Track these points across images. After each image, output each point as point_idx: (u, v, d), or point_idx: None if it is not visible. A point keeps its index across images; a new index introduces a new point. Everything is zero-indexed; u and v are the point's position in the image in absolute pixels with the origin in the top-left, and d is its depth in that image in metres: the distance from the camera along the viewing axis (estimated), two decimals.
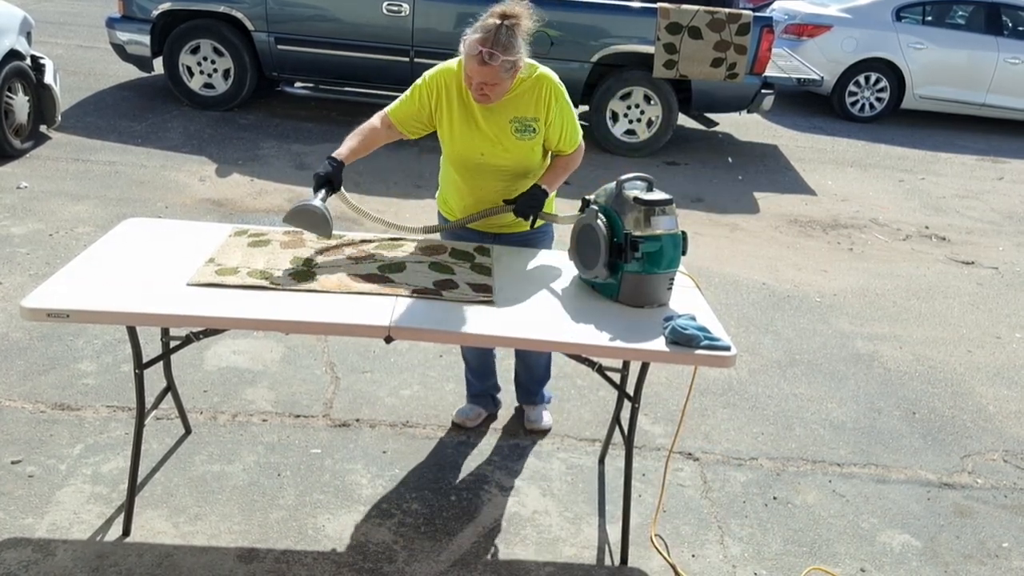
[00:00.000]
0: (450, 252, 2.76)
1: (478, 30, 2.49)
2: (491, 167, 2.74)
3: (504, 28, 2.45)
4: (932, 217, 6.59)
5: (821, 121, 9.26)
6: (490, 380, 3.31)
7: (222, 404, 3.29)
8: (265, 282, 2.41)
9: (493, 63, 2.45)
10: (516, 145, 2.70)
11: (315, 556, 2.58)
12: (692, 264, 4.94)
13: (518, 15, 2.49)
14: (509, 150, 2.70)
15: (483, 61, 2.45)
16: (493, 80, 2.51)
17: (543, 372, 3.28)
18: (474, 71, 2.50)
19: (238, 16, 6.70)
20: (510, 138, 2.69)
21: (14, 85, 5.53)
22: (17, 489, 2.73)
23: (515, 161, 2.74)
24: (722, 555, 2.79)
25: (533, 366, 3.23)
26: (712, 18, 6.55)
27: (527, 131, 2.68)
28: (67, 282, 2.32)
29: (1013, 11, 9.30)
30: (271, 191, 5.58)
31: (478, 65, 2.47)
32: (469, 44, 2.48)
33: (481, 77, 2.50)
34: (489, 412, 3.37)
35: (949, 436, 3.62)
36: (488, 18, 2.49)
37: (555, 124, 2.70)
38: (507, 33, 2.46)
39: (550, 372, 3.33)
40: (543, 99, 2.66)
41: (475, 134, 2.69)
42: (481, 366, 3.26)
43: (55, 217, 4.77)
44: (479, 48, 2.45)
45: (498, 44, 2.44)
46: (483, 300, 2.45)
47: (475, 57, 2.46)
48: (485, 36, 2.45)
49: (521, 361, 3.24)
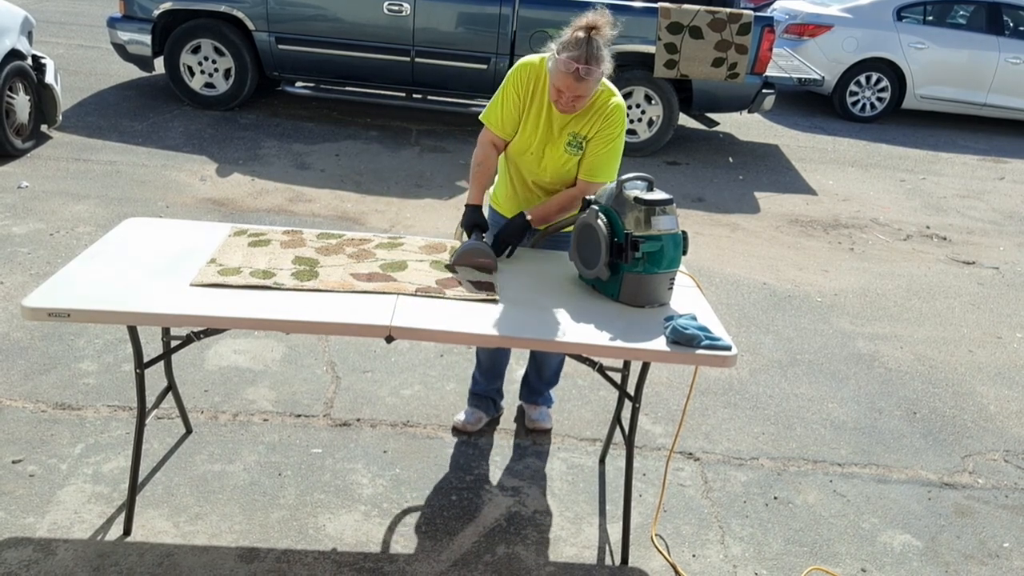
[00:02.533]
0: (450, 251, 2.76)
1: (568, 47, 2.51)
2: (532, 167, 2.80)
3: (592, 41, 2.49)
4: (933, 217, 6.59)
5: (822, 121, 9.25)
6: (497, 383, 3.30)
7: (223, 404, 3.29)
8: (268, 282, 2.41)
9: (589, 78, 2.50)
10: (562, 157, 2.75)
11: (315, 556, 2.58)
12: (693, 264, 4.96)
13: (601, 25, 2.52)
14: (556, 158, 2.75)
15: (580, 77, 2.50)
16: (588, 92, 2.57)
17: (552, 375, 3.28)
18: (569, 87, 2.53)
19: (239, 16, 6.70)
20: (561, 148, 2.74)
21: (15, 85, 5.53)
22: (18, 488, 2.73)
23: (554, 170, 2.78)
24: (723, 555, 2.79)
25: (545, 367, 3.23)
26: (713, 18, 6.54)
27: (577, 147, 2.73)
28: (68, 282, 2.32)
29: (1014, 11, 9.29)
30: (272, 191, 5.58)
31: (575, 82, 2.51)
32: (563, 62, 2.49)
33: (576, 92, 2.55)
34: (490, 417, 3.35)
35: (950, 436, 3.62)
36: (575, 32, 2.53)
37: (596, 143, 2.70)
38: (596, 45, 2.50)
39: (559, 376, 3.32)
40: (599, 122, 2.69)
41: (534, 132, 2.74)
42: (493, 367, 3.24)
43: (56, 217, 4.77)
44: (575, 65, 2.48)
45: (592, 58, 2.49)
46: (487, 299, 2.45)
47: (571, 74, 2.49)
48: (579, 53, 2.48)
49: (535, 361, 3.25)
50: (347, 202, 5.52)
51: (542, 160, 2.77)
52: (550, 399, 3.37)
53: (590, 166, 2.73)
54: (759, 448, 3.39)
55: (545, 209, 2.79)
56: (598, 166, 2.73)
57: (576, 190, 2.77)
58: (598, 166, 2.73)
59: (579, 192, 2.75)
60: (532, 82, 2.71)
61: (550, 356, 3.19)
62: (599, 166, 2.73)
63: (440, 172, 6.27)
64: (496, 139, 2.79)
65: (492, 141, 2.80)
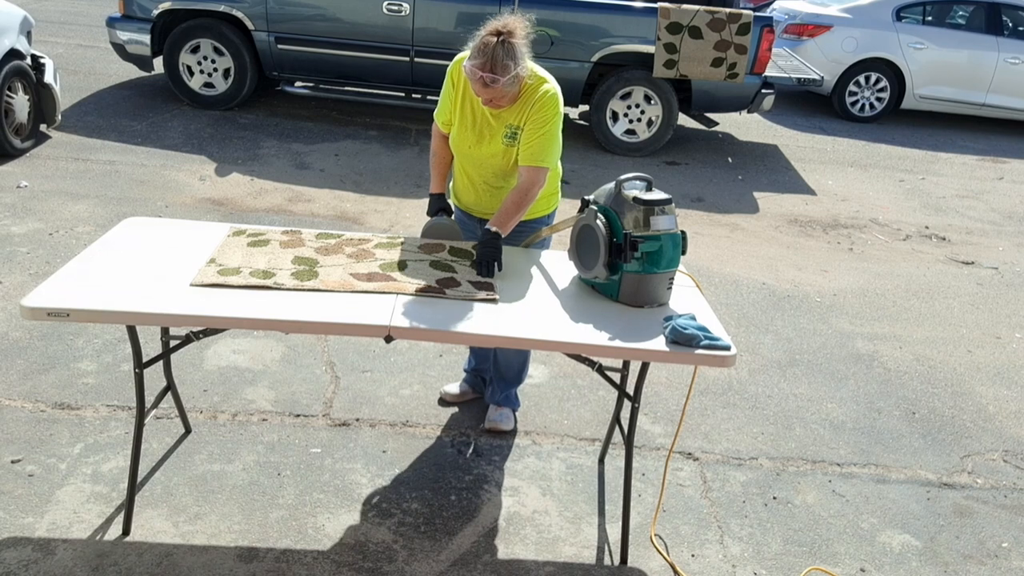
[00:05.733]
0: (449, 250, 2.77)
1: (476, 54, 2.52)
2: (476, 159, 2.84)
3: (501, 46, 2.49)
4: (932, 217, 6.60)
5: (821, 121, 9.26)
6: (485, 363, 3.38)
7: (222, 403, 3.29)
8: (268, 282, 2.41)
9: (495, 85, 2.53)
10: (500, 149, 2.78)
11: (315, 556, 2.58)
12: (692, 264, 4.96)
13: (511, 30, 2.52)
14: (495, 151, 2.78)
15: (485, 84, 2.53)
16: (498, 96, 2.60)
17: (513, 375, 3.25)
18: (479, 91, 2.59)
19: (238, 15, 6.70)
20: (499, 141, 2.77)
21: (14, 84, 5.53)
22: (17, 488, 2.73)
23: (496, 162, 2.81)
24: (722, 555, 2.79)
25: (503, 365, 3.21)
26: (712, 18, 6.55)
27: (513, 138, 2.75)
28: (67, 281, 2.32)
29: (1013, 11, 9.30)
30: (271, 190, 5.58)
31: (482, 87, 2.55)
32: (469, 70, 2.53)
33: (486, 96, 2.60)
34: (477, 394, 3.44)
35: (949, 436, 3.62)
36: (484, 36, 2.53)
37: (528, 130, 2.71)
38: (505, 50, 2.50)
39: (522, 377, 3.28)
40: (529, 108, 2.70)
41: (472, 127, 2.79)
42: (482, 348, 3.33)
43: (55, 216, 4.77)
44: (479, 73, 2.51)
45: (497, 66, 2.50)
46: (486, 298, 2.46)
47: (477, 81, 2.54)
48: (484, 60, 2.50)
49: (495, 361, 3.23)
50: (346, 202, 5.52)
51: (482, 154, 2.80)
52: (515, 401, 3.33)
53: (528, 153, 2.74)
54: (758, 448, 3.39)
55: (504, 214, 2.73)
56: (535, 152, 2.73)
57: (524, 181, 2.75)
58: (535, 152, 2.73)
59: (528, 183, 2.74)
60: (462, 77, 2.74)
61: (512, 357, 3.18)
62: (536, 152, 2.73)
63: None
64: (440, 130, 2.93)
65: (439, 132, 2.95)
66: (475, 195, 2.95)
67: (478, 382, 3.42)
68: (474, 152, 2.82)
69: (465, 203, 3.02)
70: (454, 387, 3.45)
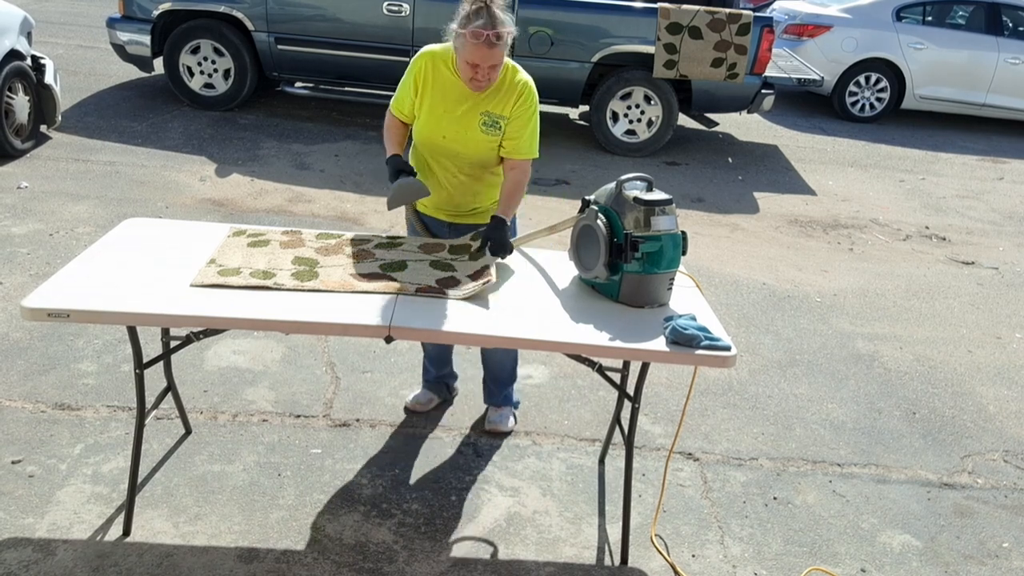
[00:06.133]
0: (449, 249, 2.76)
1: (471, 17, 2.52)
2: (451, 152, 2.80)
3: (491, 6, 2.52)
4: (932, 217, 6.59)
5: (821, 121, 9.26)
6: (445, 369, 3.38)
7: (222, 404, 3.29)
8: (268, 282, 2.41)
9: (500, 43, 2.53)
10: (479, 137, 2.75)
11: (315, 556, 2.58)
12: (692, 264, 4.96)
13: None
14: (470, 140, 2.76)
15: (492, 43, 2.51)
16: (501, 60, 2.59)
17: (506, 375, 3.25)
18: (483, 56, 2.54)
19: (238, 16, 6.70)
20: (476, 129, 2.74)
21: (14, 85, 5.53)
22: (17, 489, 2.73)
23: (473, 151, 2.79)
24: (722, 555, 2.79)
25: (495, 367, 3.22)
26: (712, 18, 6.55)
27: (493, 127, 2.74)
28: (67, 282, 2.32)
29: (1013, 11, 9.30)
30: (271, 191, 5.58)
31: (488, 48, 2.52)
32: (472, 33, 2.50)
33: (491, 60, 2.56)
34: (443, 399, 3.43)
35: (949, 436, 3.62)
36: (470, 5, 2.54)
37: (516, 124, 2.73)
38: (495, 10, 2.53)
39: (515, 376, 3.28)
40: (514, 101, 2.72)
41: (443, 117, 2.75)
42: (439, 355, 3.31)
43: (55, 217, 4.77)
44: (484, 33, 2.49)
45: (497, 22, 2.51)
46: (484, 283, 2.47)
47: (483, 43, 2.51)
48: (484, 20, 2.50)
49: (485, 363, 3.24)
50: (346, 202, 5.52)
51: (459, 143, 2.77)
52: (513, 400, 3.33)
53: (517, 146, 2.76)
54: (758, 448, 3.39)
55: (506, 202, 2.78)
56: (525, 144, 2.77)
57: (517, 174, 2.78)
58: (525, 144, 2.77)
59: (521, 175, 2.79)
60: (429, 69, 2.73)
61: (503, 358, 3.18)
62: (526, 144, 2.77)
63: None
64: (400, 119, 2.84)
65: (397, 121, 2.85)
66: (445, 194, 2.88)
67: (441, 389, 3.41)
68: (449, 142, 2.77)
69: (433, 204, 2.93)
70: (417, 397, 3.38)
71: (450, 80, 2.71)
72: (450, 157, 2.82)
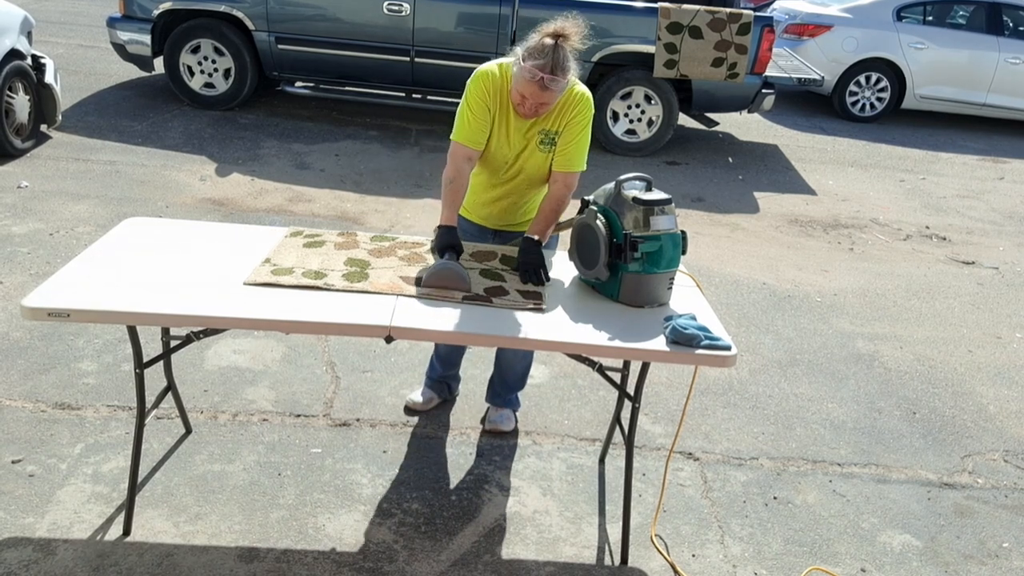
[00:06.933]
0: (500, 259, 2.74)
1: (534, 54, 2.45)
2: (513, 172, 2.78)
3: (559, 49, 2.45)
4: (933, 217, 6.59)
5: (822, 121, 9.25)
6: (452, 370, 3.37)
7: (222, 404, 3.29)
8: (319, 282, 2.43)
9: (554, 87, 2.47)
10: (537, 156, 2.73)
11: (315, 556, 2.58)
12: (692, 264, 4.96)
13: (570, 33, 2.47)
14: (530, 159, 2.73)
15: (544, 87, 2.46)
16: (552, 101, 2.54)
17: (517, 380, 3.25)
18: (533, 95, 2.50)
19: (239, 16, 6.70)
20: (534, 148, 2.71)
21: (15, 84, 5.53)
22: (18, 488, 2.73)
23: (532, 169, 2.76)
24: (722, 555, 2.79)
25: (509, 371, 3.21)
26: (713, 18, 6.55)
27: (550, 143, 2.70)
28: (68, 281, 2.32)
29: (1014, 11, 9.30)
30: (271, 190, 5.58)
31: (539, 90, 2.48)
32: (528, 70, 2.45)
33: (539, 99, 2.52)
34: (443, 399, 3.42)
35: (949, 436, 3.62)
36: (543, 38, 2.47)
37: (568, 135, 2.68)
38: (563, 54, 2.46)
39: (524, 381, 3.28)
40: (568, 114, 2.66)
41: (507, 139, 2.71)
42: (449, 356, 3.30)
43: (56, 216, 4.77)
44: (539, 74, 2.44)
45: (557, 68, 2.45)
46: (534, 308, 2.43)
47: (535, 83, 2.46)
48: (544, 62, 2.44)
49: (499, 365, 3.23)
50: (347, 202, 5.52)
51: (519, 166, 2.75)
52: (516, 402, 3.33)
53: (568, 158, 2.71)
54: (759, 448, 3.39)
55: (543, 222, 2.73)
56: (574, 156, 2.71)
57: (561, 187, 2.73)
58: (574, 156, 2.71)
59: (565, 188, 2.73)
60: (496, 92, 2.65)
61: (515, 360, 3.17)
62: (575, 156, 2.71)
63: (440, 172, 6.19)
64: (471, 153, 2.69)
65: (467, 156, 2.69)
66: (497, 211, 2.88)
67: (443, 389, 3.40)
68: (510, 164, 2.74)
69: (478, 216, 2.94)
70: (418, 395, 3.38)
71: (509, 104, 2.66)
72: (509, 176, 2.79)
